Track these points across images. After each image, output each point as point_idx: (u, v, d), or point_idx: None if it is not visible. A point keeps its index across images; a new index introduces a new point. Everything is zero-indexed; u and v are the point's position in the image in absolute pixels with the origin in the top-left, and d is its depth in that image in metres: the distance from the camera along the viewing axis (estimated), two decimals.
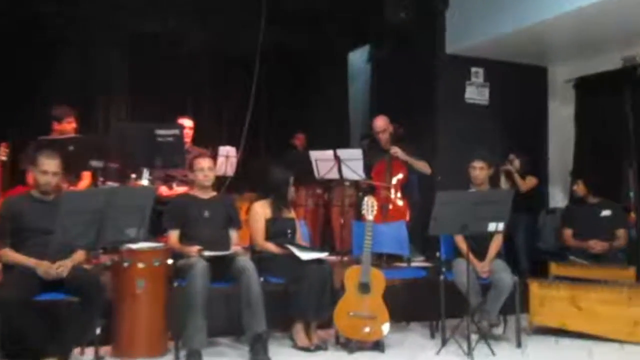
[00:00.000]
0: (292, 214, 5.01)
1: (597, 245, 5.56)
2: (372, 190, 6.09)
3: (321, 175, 6.28)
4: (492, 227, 4.41)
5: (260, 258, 4.67)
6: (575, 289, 4.99)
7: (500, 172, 6.48)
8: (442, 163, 6.87)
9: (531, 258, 6.49)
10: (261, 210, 4.82)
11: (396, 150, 6.09)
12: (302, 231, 5.09)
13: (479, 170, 5.05)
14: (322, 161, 6.20)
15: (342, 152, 6.10)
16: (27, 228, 3.97)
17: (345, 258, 6.04)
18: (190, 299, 4.15)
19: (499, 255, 4.95)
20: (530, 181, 6.58)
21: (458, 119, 7.24)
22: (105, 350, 4.14)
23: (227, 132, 8.34)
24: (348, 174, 6.09)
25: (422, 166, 6.22)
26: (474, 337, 4.42)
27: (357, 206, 6.03)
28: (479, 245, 4.78)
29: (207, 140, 6.70)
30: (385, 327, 4.47)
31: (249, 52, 6.84)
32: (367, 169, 6.13)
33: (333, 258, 5.82)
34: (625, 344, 4.78)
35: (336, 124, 9.08)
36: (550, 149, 7.78)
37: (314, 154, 6.27)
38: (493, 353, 4.44)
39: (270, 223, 4.80)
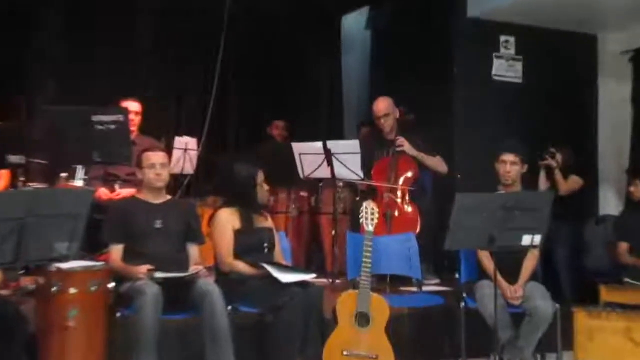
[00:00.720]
0: (269, 223, 5.01)
1: None
2: (372, 194, 6.10)
3: (307, 174, 6.29)
4: (526, 240, 4.40)
5: (227, 281, 4.66)
6: (632, 320, 5.01)
7: (540, 168, 6.48)
8: (462, 158, 6.92)
9: (576, 280, 6.52)
10: (228, 218, 4.81)
11: (403, 142, 6.09)
12: (282, 246, 5.09)
13: (510, 165, 5.06)
14: (309, 156, 6.20)
15: (334, 145, 6.10)
16: None
17: (338, 281, 6.05)
18: (137, 333, 4.13)
19: (534, 276, 4.97)
20: (574, 182, 6.57)
21: (483, 101, 7.28)
22: None
23: (185, 118, 8.33)
24: (342, 172, 6.10)
25: (436, 163, 6.24)
26: None
27: (354, 214, 6.05)
28: (509, 264, 4.78)
29: (160, 129, 6.70)
30: None
31: (214, 17, 6.83)
32: (367, 166, 6.15)
33: (322, 281, 5.83)
34: None
35: (326, 109, 9.10)
36: (600, 139, 7.84)
37: (298, 147, 6.27)
38: None
39: (240, 235, 4.79)
